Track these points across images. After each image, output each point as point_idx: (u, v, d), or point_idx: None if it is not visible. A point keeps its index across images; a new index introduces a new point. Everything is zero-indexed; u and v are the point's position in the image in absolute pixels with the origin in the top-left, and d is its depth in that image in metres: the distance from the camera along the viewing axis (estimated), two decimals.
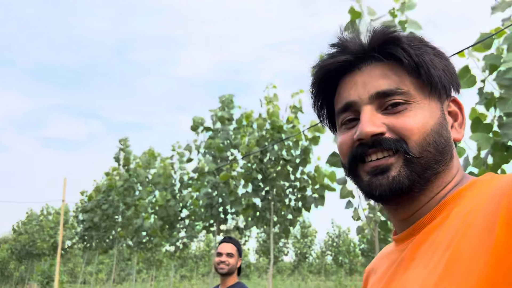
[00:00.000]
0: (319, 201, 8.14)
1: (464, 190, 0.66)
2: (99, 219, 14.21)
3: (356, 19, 5.90)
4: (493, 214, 0.53)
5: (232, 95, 9.97)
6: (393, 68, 0.71)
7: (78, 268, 46.62)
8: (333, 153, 6.39)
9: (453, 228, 0.59)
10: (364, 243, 33.08)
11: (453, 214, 0.62)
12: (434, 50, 0.73)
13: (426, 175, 0.68)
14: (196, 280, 47.43)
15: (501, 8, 3.93)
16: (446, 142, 0.69)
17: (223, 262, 3.09)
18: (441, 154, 0.69)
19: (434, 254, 0.60)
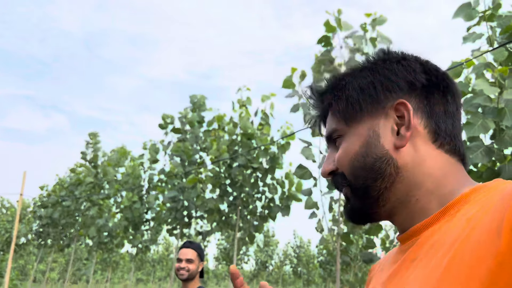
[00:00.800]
0: (284, 210, 8.22)
1: (470, 194, 0.65)
2: (59, 215, 13.78)
3: (330, 33, 6.07)
4: (499, 218, 0.52)
5: (204, 97, 9.77)
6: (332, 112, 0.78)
7: (29, 266, 44.91)
8: (300, 165, 6.50)
9: (456, 230, 0.59)
10: (322, 255, 33.44)
11: (458, 217, 0.62)
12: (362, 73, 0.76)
13: (371, 194, 0.72)
14: (152, 284, 46.57)
15: (472, 39, 4.13)
16: (375, 159, 0.71)
17: (183, 268, 3.10)
18: (373, 172, 0.71)
19: (435, 255, 0.60)
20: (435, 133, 0.71)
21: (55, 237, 14.46)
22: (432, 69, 0.74)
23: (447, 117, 0.72)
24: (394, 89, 0.72)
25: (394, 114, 0.72)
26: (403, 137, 0.70)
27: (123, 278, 52.12)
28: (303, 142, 6.49)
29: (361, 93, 0.73)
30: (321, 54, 6.17)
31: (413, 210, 0.70)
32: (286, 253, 41.02)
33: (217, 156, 8.14)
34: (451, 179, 0.70)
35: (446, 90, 0.73)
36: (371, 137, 0.72)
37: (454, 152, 0.72)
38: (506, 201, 0.53)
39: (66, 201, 12.93)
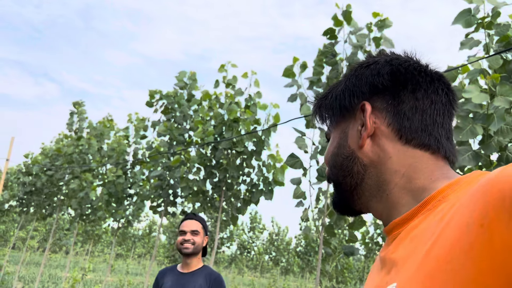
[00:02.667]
0: (268, 194, 8.27)
1: (446, 188, 0.67)
2: (42, 184, 13.69)
3: (338, 27, 6.07)
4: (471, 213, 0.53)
5: (195, 73, 9.47)
6: None
7: (11, 232, 44.76)
8: (292, 154, 6.53)
9: (433, 225, 0.61)
10: (301, 246, 33.75)
11: (435, 212, 0.64)
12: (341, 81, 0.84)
13: (345, 189, 0.80)
14: (131, 260, 46.73)
15: (469, 46, 4.17)
16: (343, 158, 0.79)
17: (187, 240, 2.79)
18: (343, 170, 0.79)
19: (414, 251, 0.62)
20: (399, 131, 0.75)
21: (38, 205, 14.40)
22: (401, 69, 0.77)
23: (415, 113, 0.75)
24: (358, 94, 0.79)
25: (361, 116, 0.78)
26: (362, 138, 0.76)
27: (103, 252, 52.19)
28: (297, 132, 6.52)
29: (334, 100, 0.82)
30: (324, 47, 6.17)
31: (387, 205, 0.75)
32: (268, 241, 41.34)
33: (203, 138, 8.12)
34: (423, 173, 0.72)
35: (415, 87, 0.76)
36: (341, 138, 0.81)
37: (424, 145, 0.74)
38: (476, 197, 0.54)
39: (49, 170, 12.82)
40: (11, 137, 14.35)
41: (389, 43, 5.84)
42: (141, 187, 10.87)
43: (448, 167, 0.75)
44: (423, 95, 0.76)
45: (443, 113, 0.77)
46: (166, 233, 35.72)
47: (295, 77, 6.34)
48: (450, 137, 0.78)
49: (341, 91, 0.81)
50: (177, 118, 9.20)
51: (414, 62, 0.79)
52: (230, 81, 8.44)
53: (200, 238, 2.85)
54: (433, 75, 0.79)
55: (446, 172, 0.73)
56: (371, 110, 0.77)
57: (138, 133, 11.11)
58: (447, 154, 0.76)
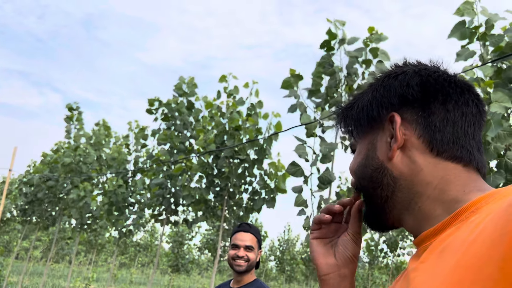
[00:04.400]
0: (270, 202, 8.22)
1: (479, 200, 0.67)
2: (43, 194, 13.62)
3: (333, 40, 6.23)
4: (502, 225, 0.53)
5: (193, 78, 9.43)
6: None
7: (14, 242, 44.76)
8: (293, 162, 6.49)
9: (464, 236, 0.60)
10: (307, 253, 33.63)
11: (467, 224, 0.63)
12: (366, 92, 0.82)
13: (375, 201, 0.78)
14: (135, 269, 46.61)
15: (464, 57, 4.20)
16: (372, 170, 0.77)
17: (241, 257, 2.53)
18: (372, 182, 0.77)
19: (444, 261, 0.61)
20: (430, 143, 0.73)
21: (40, 215, 14.36)
22: (431, 80, 0.76)
23: (447, 125, 0.74)
24: (387, 105, 0.77)
25: (390, 127, 0.76)
26: (391, 150, 0.75)
27: (106, 262, 52.11)
28: (298, 140, 6.50)
29: (361, 111, 0.80)
30: (321, 58, 6.29)
31: (419, 217, 0.74)
32: (272, 248, 41.16)
33: (204, 146, 8.09)
34: (455, 185, 0.71)
35: (446, 99, 0.75)
36: (369, 149, 0.79)
37: (456, 158, 0.73)
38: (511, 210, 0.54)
39: (49, 180, 12.77)
40: (14, 147, 14.37)
41: (385, 56, 5.93)
42: (142, 196, 10.81)
43: (481, 179, 0.74)
44: (454, 106, 0.75)
45: (473, 124, 0.76)
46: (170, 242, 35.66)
47: (293, 88, 6.39)
48: (481, 148, 0.77)
49: (369, 102, 0.80)
50: (178, 126, 9.17)
51: (443, 72, 0.78)
52: (231, 91, 8.46)
53: (254, 254, 2.58)
54: (463, 86, 0.77)
55: (479, 185, 0.72)
56: (401, 122, 0.75)
57: (138, 141, 11.06)
58: (479, 166, 0.74)
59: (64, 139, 14.63)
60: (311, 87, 6.34)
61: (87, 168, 12.16)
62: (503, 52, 3.77)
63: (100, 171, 11.85)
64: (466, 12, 4.14)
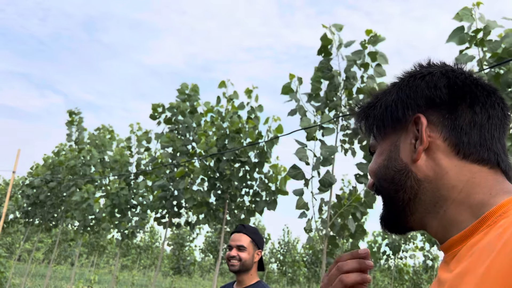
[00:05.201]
0: (271, 205, 8.27)
1: (507, 203, 0.65)
2: (45, 196, 13.67)
3: (328, 45, 6.29)
4: None
5: (197, 86, 9.54)
6: None
7: (16, 244, 44.85)
8: (294, 165, 6.54)
9: (494, 241, 0.59)
10: (308, 256, 33.54)
11: (495, 229, 0.62)
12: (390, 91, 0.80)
13: (396, 204, 0.77)
14: (137, 271, 46.58)
15: (464, 61, 4.26)
16: (395, 171, 0.76)
17: (233, 257, 2.61)
18: (394, 184, 0.76)
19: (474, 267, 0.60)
20: (456, 145, 0.72)
21: (43, 217, 14.41)
22: (458, 82, 0.75)
23: (473, 127, 0.73)
24: (412, 107, 0.75)
25: (414, 128, 0.75)
26: (416, 151, 0.74)
27: (108, 263, 52.13)
28: (298, 144, 6.55)
29: (385, 111, 0.78)
30: (319, 63, 6.35)
31: (444, 221, 0.72)
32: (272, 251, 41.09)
33: (206, 150, 8.16)
34: (481, 188, 0.70)
35: (473, 101, 0.74)
36: (392, 151, 0.78)
37: (483, 160, 0.72)
38: None
39: (52, 182, 12.81)
40: (18, 149, 14.43)
41: (383, 59, 5.98)
42: (144, 198, 10.87)
43: (507, 181, 0.73)
44: (481, 109, 0.74)
45: (499, 127, 0.75)
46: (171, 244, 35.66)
47: (293, 93, 6.46)
48: (505, 151, 0.76)
49: (393, 102, 0.78)
50: (180, 130, 9.24)
51: (469, 75, 0.77)
52: (231, 96, 8.57)
53: (248, 254, 2.61)
54: (489, 89, 0.77)
55: (506, 187, 0.71)
56: (426, 124, 0.74)
57: (140, 144, 11.11)
58: (506, 169, 0.73)
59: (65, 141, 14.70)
60: (311, 92, 6.41)
61: (90, 171, 12.22)
62: (500, 57, 3.81)
63: (102, 174, 11.90)
64: (465, 18, 4.17)
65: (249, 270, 2.63)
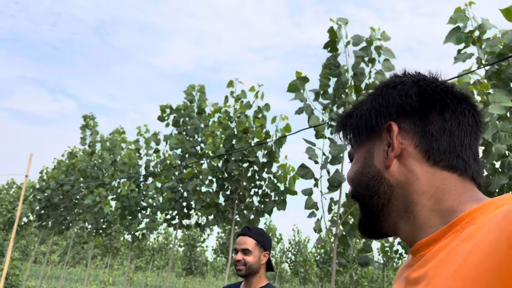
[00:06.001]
0: (280, 205, 8.21)
1: (476, 210, 0.67)
2: (59, 199, 13.78)
3: (335, 39, 6.19)
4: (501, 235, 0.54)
5: (203, 86, 9.53)
6: None
7: (31, 246, 45.38)
8: (302, 165, 6.49)
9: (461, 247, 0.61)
10: (320, 255, 33.41)
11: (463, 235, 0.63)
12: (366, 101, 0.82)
13: (371, 209, 0.78)
14: (150, 272, 46.85)
15: (462, 59, 4.23)
16: (369, 178, 0.77)
17: (239, 261, 2.54)
18: (369, 190, 0.77)
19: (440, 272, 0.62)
20: (426, 152, 0.74)
21: (55, 220, 14.54)
22: (429, 90, 0.76)
23: (443, 134, 0.74)
24: (385, 115, 0.77)
25: (387, 136, 0.77)
26: (388, 158, 0.75)
27: (122, 265, 52.50)
28: (307, 143, 6.49)
29: (360, 120, 0.81)
30: (326, 59, 6.25)
31: (414, 226, 0.74)
32: (283, 250, 41.00)
33: (214, 150, 8.13)
34: (451, 195, 0.72)
35: (443, 108, 0.75)
36: (366, 158, 0.79)
37: (452, 167, 0.73)
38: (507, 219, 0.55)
39: (64, 185, 12.92)
40: (30, 153, 14.58)
41: (390, 53, 5.88)
42: (154, 200, 10.89)
43: (476, 189, 0.74)
44: (451, 116, 0.76)
45: (470, 134, 0.76)
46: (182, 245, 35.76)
47: (300, 91, 6.36)
48: (477, 158, 0.77)
49: (367, 111, 0.80)
50: (189, 131, 9.24)
51: (441, 83, 0.79)
52: (239, 95, 8.50)
53: (253, 257, 2.53)
54: (460, 96, 0.78)
55: (474, 195, 0.72)
56: (398, 131, 0.76)
57: (148, 146, 11.14)
58: (474, 176, 0.75)
59: (79, 145, 14.83)
60: (319, 89, 6.33)
61: (102, 174, 12.29)
62: (501, 54, 3.77)
63: (112, 176, 11.96)
64: (459, 19, 4.21)
65: (257, 273, 2.56)
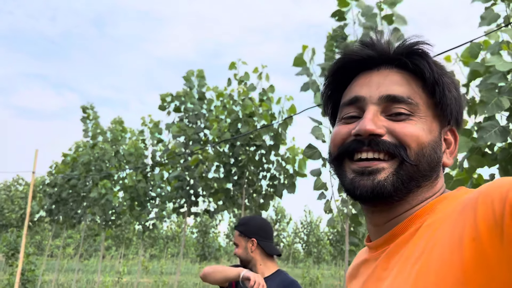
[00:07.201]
0: (290, 188, 8.09)
1: (436, 202, 0.69)
2: (67, 194, 13.80)
3: (344, 7, 5.80)
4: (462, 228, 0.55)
5: (203, 71, 9.31)
6: (410, 79, 0.74)
7: (45, 241, 45.98)
8: (309, 145, 6.31)
9: (423, 240, 0.62)
10: (333, 234, 33.55)
11: (424, 227, 0.64)
12: (452, 78, 0.76)
13: (410, 185, 0.71)
14: (165, 260, 47.38)
15: (488, 20, 3.94)
16: (437, 160, 0.73)
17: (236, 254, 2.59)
18: (430, 169, 0.72)
19: (405, 266, 0.62)
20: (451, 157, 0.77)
21: (66, 214, 14.59)
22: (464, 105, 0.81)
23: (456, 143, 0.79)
24: (460, 117, 0.77)
25: (448, 133, 0.77)
26: (448, 159, 0.75)
27: (137, 254, 53.13)
28: (313, 121, 6.28)
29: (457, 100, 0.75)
30: (333, 30, 5.91)
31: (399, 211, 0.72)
32: (295, 230, 41.19)
33: (219, 136, 7.96)
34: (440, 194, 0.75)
35: (460, 123, 0.78)
36: (440, 139, 0.75)
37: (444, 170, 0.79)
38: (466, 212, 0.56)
39: (72, 179, 12.92)
40: (35, 150, 14.55)
41: (401, 21, 5.55)
42: (162, 189, 10.84)
43: None
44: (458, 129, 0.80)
45: None
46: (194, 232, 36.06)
47: (306, 65, 6.09)
48: None
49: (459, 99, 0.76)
50: (190, 118, 9.08)
51: None
52: (242, 78, 8.27)
53: (240, 248, 2.51)
54: None
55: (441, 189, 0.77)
56: None
57: (153, 136, 11.05)
58: None
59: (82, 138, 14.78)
60: (324, 62, 6.02)
61: (106, 166, 12.23)
62: None
63: (119, 167, 11.91)
64: None
65: (251, 261, 2.50)
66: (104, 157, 12.00)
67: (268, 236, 2.55)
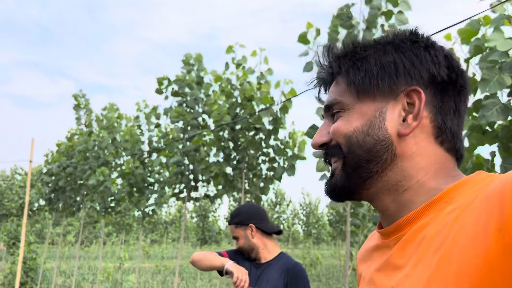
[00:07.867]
0: (290, 170, 8.08)
1: (454, 189, 0.65)
2: (64, 182, 13.77)
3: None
4: (485, 219, 0.53)
5: (201, 55, 9.20)
6: (342, 81, 0.75)
7: (46, 230, 46.18)
8: (313, 125, 6.25)
9: (444, 229, 0.59)
10: (332, 215, 33.79)
11: (444, 215, 0.62)
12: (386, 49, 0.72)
13: (360, 174, 0.70)
14: (166, 244, 47.71)
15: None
16: (376, 140, 0.69)
17: (239, 249, 2.63)
18: (370, 153, 0.70)
19: (424, 255, 0.60)
20: (439, 129, 0.70)
21: (65, 202, 14.60)
22: (454, 65, 0.72)
23: (455, 116, 0.72)
24: (416, 76, 0.70)
25: (405, 99, 0.70)
26: (408, 126, 0.69)
27: (138, 240, 53.47)
28: (318, 101, 6.17)
29: (381, 70, 0.71)
30: (339, 9, 5.77)
31: (400, 201, 0.70)
32: (294, 211, 41.46)
33: (219, 119, 7.90)
34: (442, 174, 0.69)
35: (461, 89, 0.72)
36: (376, 117, 0.71)
37: (453, 150, 0.71)
38: (492, 201, 0.54)
39: (68, 167, 12.87)
40: (31, 138, 14.47)
41: (406, 5, 5.44)
42: (160, 175, 10.81)
43: (456, 167, 0.73)
44: (464, 99, 0.73)
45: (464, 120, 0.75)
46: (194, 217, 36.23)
47: (310, 44, 5.93)
48: None
49: (394, 64, 0.71)
50: (189, 102, 9.00)
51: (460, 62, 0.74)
52: (240, 61, 8.17)
53: (242, 240, 2.55)
54: (469, 81, 0.75)
55: (457, 173, 0.71)
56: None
57: (150, 121, 10.97)
58: (461, 160, 0.74)
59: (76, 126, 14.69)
60: (327, 41, 5.90)
61: (103, 153, 12.16)
62: None
63: (116, 155, 11.84)
64: None
65: (254, 249, 2.55)
66: (102, 145, 11.93)
67: (263, 217, 2.60)
